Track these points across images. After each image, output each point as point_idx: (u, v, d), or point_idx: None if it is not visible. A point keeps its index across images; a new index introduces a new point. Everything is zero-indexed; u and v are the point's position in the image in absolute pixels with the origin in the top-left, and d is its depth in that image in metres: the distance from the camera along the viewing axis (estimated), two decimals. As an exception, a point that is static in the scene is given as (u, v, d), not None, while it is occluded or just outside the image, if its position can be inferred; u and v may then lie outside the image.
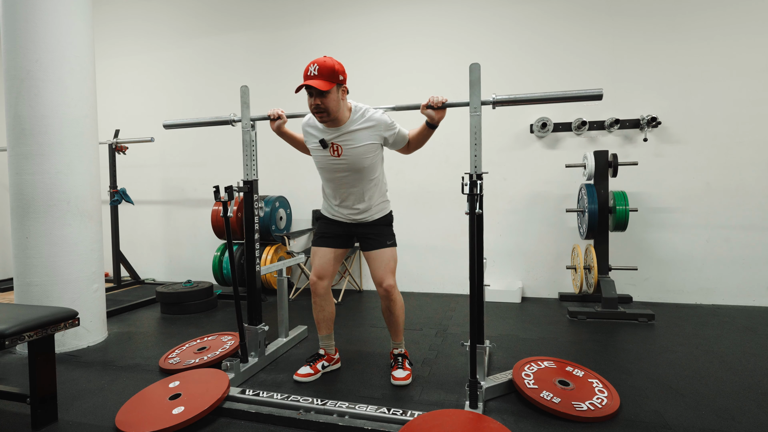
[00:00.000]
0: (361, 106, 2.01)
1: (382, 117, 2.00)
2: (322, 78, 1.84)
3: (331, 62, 1.86)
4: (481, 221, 1.78)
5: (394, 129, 2.02)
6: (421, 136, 2.05)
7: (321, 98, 1.86)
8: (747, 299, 3.43)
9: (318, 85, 1.82)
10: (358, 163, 2.00)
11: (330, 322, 2.26)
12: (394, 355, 2.22)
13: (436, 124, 1.96)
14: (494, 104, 1.87)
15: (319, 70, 1.84)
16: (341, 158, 2.00)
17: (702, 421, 1.73)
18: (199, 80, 4.58)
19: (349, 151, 1.98)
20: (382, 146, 2.08)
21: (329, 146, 2.00)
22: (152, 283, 4.64)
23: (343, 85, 1.92)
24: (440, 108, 1.91)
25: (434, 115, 1.92)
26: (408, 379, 2.11)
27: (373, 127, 1.98)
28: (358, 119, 1.98)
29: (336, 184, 2.09)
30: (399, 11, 4.02)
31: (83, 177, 2.65)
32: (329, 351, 2.27)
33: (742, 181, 3.41)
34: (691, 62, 3.45)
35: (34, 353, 1.71)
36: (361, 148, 1.98)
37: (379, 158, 2.09)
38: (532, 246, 3.82)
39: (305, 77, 1.87)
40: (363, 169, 2.02)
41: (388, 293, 2.09)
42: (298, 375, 2.16)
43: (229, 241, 2.15)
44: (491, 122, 3.69)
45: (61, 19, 2.55)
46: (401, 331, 2.22)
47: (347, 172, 2.03)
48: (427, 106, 1.92)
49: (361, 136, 1.97)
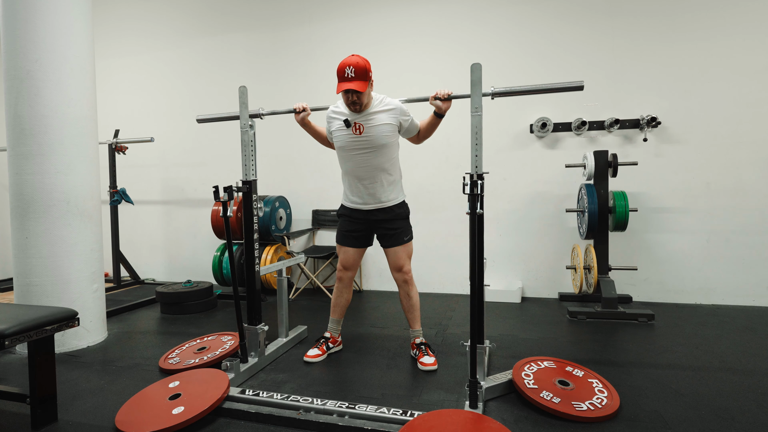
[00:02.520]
0: (379, 95, 2.26)
1: (399, 103, 2.25)
2: (359, 79, 2.08)
3: (363, 62, 2.09)
4: (482, 221, 1.79)
5: (408, 115, 2.27)
6: (430, 125, 2.29)
7: (358, 95, 2.11)
8: (747, 299, 3.43)
9: (357, 87, 2.07)
10: (377, 140, 2.22)
11: (344, 309, 2.53)
12: (416, 344, 2.41)
13: (443, 113, 2.18)
14: (493, 95, 2.01)
15: (355, 71, 2.07)
16: (362, 135, 2.22)
17: (702, 421, 1.73)
18: (198, 80, 4.58)
19: (370, 129, 2.21)
20: (398, 131, 2.30)
21: (352, 125, 2.22)
22: (152, 283, 4.64)
23: (371, 79, 2.17)
24: (447, 99, 2.11)
25: (441, 105, 2.12)
26: (435, 364, 2.27)
27: (391, 110, 2.23)
28: (378, 104, 2.23)
29: (355, 163, 2.29)
30: (399, 12, 4.02)
31: (83, 177, 2.65)
32: (334, 334, 2.52)
33: (741, 181, 3.41)
34: (691, 62, 3.45)
35: (34, 353, 1.71)
36: (381, 127, 2.21)
37: (395, 141, 2.30)
38: (532, 246, 3.82)
39: (342, 78, 2.10)
40: (381, 147, 2.23)
41: (405, 277, 2.36)
42: (308, 356, 2.40)
43: (228, 241, 2.15)
44: (491, 122, 3.70)
45: (61, 19, 2.55)
46: (419, 318, 2.44)
47: (366, 149, 2.24)
48: (435, 97, 2.11)
49: (381, 117, 2.21)
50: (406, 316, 2.44)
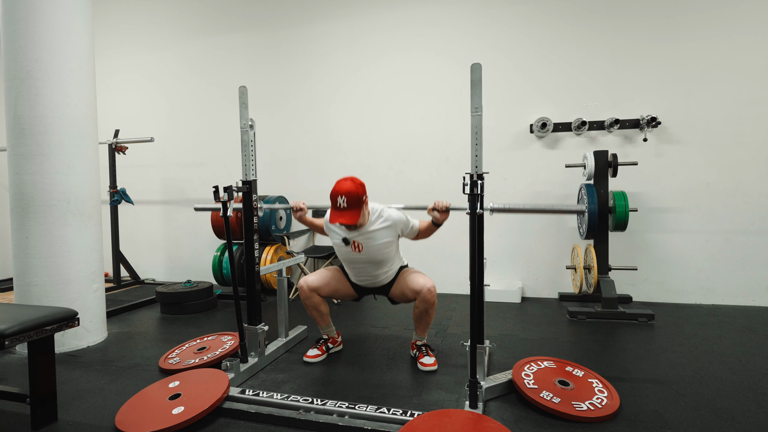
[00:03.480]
0: (377, 207, 2.26)
1: (398, 216, 2.25)
2: (352, 208, 2.06)
3: (354, 188, 2.06)
4: (482, 221, 1.79)
5: (407, 225, 2.28)
6: (428, 231, 2.29)
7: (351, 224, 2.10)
8: (747, 299, 3.43)
9: (349, 220, 2.06)
10: (377, 257, 2.26)
11: (326, 316, 2.45)
12: (417, 345, 2.39)
13: (441, 223, 2.21)
14: (492, 211, 1.93)
15: (347, 201, 2.05)
16: (362, 253, 2.26)
17: (702, 421, 1.73)
18: (198, 80, 4.58)
19: (369, 247, 2.23)
20: (398, 237, 2.32)
21: (351, 243, 2.24)
22: (152, 283, 4.64)
23: (365, 201, 2.15)
24: (444, 211, 2.13)
25: (439, 216, 2.16)
26: (435, 365, 2.27)
27: (390, 227, 2.24)
28: (376, 220, 2.23)
29: (356, 269, 2.36)
30: (399, 12, 4.02)
31: (83, 177, 2.65)
32: (332, 335, 2.51)
33: (741, 181, 3.41)
34: (691, 63, 3.45)
35: (34, 353, 1.71)
36: (380, 245, 2.23)
37: (395, 248, 2.34)
38: (532, 246, 3.82)
39: (335, 208, 2.08)
40: (382, 261, 2.29)
41: (431, 294, 2.23)
42: (308, 356, 2.39)
43: (228, 241, 2.15)
44: (491, 122, 3.70)
45: (60, 19, 2.55)
46: (428, 329, 2.41)
47: (366, 263, 2.30)
48: (433, 208, 2.14)
49: (380, 234, 2.22)
50: (416, 324, 2.36)
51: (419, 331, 2.38)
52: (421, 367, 2.26)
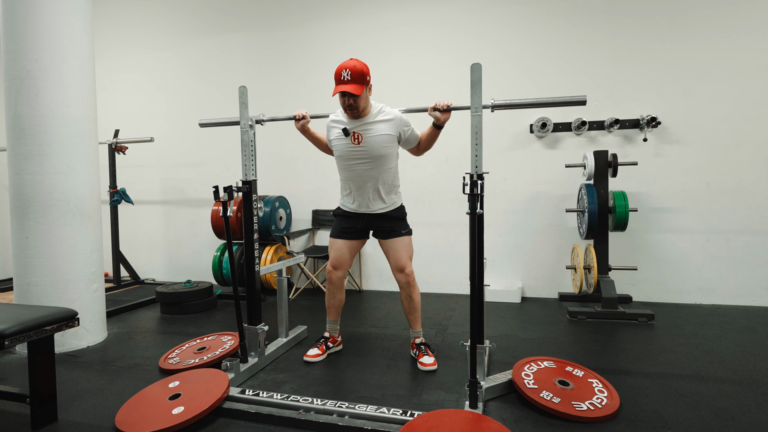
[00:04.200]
0: (379, 104, 2.24)
1: (398, 113, 2.23)
2: (355, 82, 2.06)
3: (360, 65, 2.08)
4: (482, 221, 1.79)
5: (408, 125, 2.26)
6: (430, 136, 2.25)
7: (354, 98, 2.09)
8: (747, 299, 3.43)
9: (353, 90, 2.05)
10: (376, 150, 2.21)
11: (339, 309, 2.50)
12: (416, 344, 2.40)
13: (442, 124, 2.16)
14: (493, 108, 2.00)
15: (351, 74, 2.06)
16: (361, 145, 2.22)
17: (702, 421, 1.73)
18: (198, 81, 4.58)
19: (369, 139, 2.20)
20: (398, 141, 2.28)
21: (351, 134, 2.21)
22: (152, 283, 4.64)
23: (369, 83, 2.15)
24: (446, 110, 2.08)
25: (440, 116, 2.10)
26: (435, 365, 2.27)
27: (390, 121, 2.21)
28: (377, 113, 2.22)
29: (354, 173, 2.29)
30: (399, 12, 4.02)
31: (83, 177, 2.65)
32: (333, 334, 2.52)
33: (741, 181, 3.41)
34: (691, 63, 3.45)
35: (34, 353, 1.71)
36: (380, 137, 2.20)
37: (394, 152, 2.30)
38: (532, 246, 3.82)
39: (338, 81, 2.09)
40: (380, 158, 2.23)
41: (408, 279, 2.32)
42: (308, 356, 2.40)
43: (228, 241, 2.15)
44: (491, 122, 3.70)
45: (60, 19, 2.55)
46: (420, 319, 2.44)
47: (365, 160, 2.24)
48: (434, 108, 2.08)
49: (380, 127, 2.20)
50: (407, 317, 2.43)
51: (412, 323, 2.42)
52: (421, 367, 2.26)
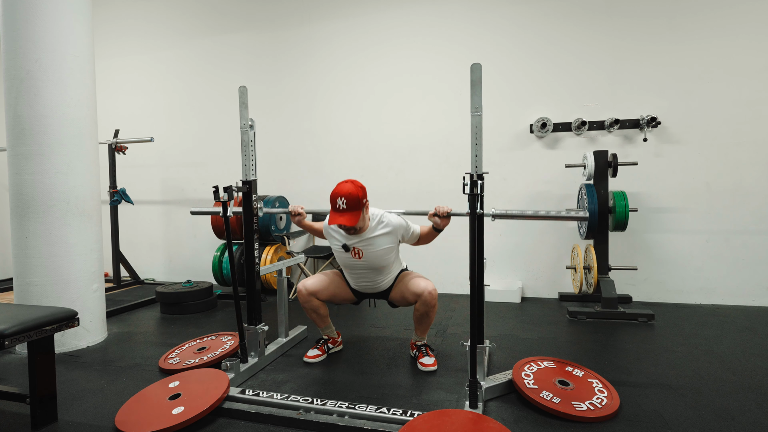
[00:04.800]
0: (377, 213, 2.23)
1: (398, 221, 2.22)
2: (351, 210, 2.04)
3: (355, 191, 2.04)
4: (482, 221, 1.79)
5: (408, 230, 2.26)
6: (429, 236, 2.27)
7: (349, 228, 2.10)
8: (747, 299, 3.43)
9: (348, 221, 2.03)
10: (378, 263, 2.25)
11: (325, 318, 2.44)
12: (417, 345, 2.39)
13: (442, 229, 2.17)
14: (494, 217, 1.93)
15: (347, 203, 2.03)
16: (362, 260, 2.25)
17: (702, 421, 1.73)
18: (198, 81, 4.58)
19: (369, 254, 2.22)
20: (399, 243, 2.29)
21: (351, 249, 2.23)
22: (152, 283, 4.63)
23: (366, 204, 2.13)
24: (445, 217, 2.10)
25: (440, 222, 2.12)
26: (435, 365, 2.27)
27: (390, 233, 2.21)
28: (377, 226, 2.20)
29: (356, 275, 2.35)
30: (399, 12, 4.02)
31: (83, 177, 2.65)
32: (332, 335, 2.51)
33: (741, 181, 3.41)
34: (691, 63, 3.45)
35: (34, 353, 1.71)
36: (380, 251, 2.22)
37: (396, 254, 2.31)
38: (532, 246, 3.82)
39: (334, 208, 2.06)
40: (382, 267, 2.28)
41: (432, 297, 2.21)
42: (308, 357, 2.39)
43: (228, 241, 2.15)
44: (491, 123, 3.70)
45: (61, 19, 2.55)
46: (428, 331, 2.40)
47: (367, 269, 2.29)
48: (434, 214, 2.11)
49: (380, 241, 2.20)
50: (416, 326, 2.35)
51: (419, 332, 2.38)
52: (421, 367, 2.26)
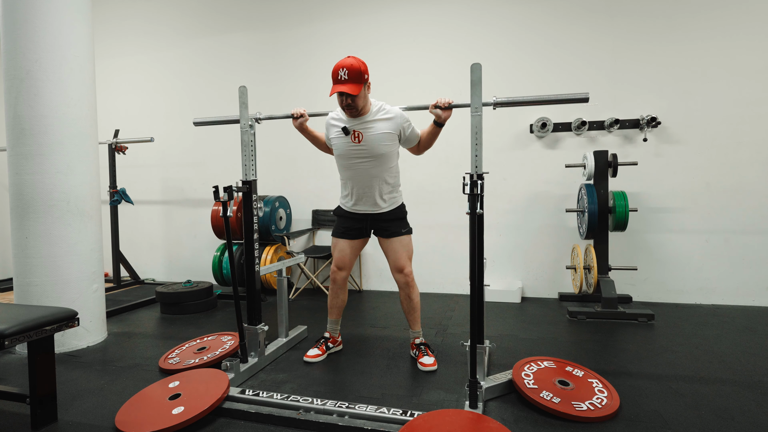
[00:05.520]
0: (379, 102, 2.23)
1: (399, 111, 2.22)
2: (352, 81, 2.04)
3: (357, 63, 2.05)
4: (482, 221, 1.79)
5: (409, 124, 2.24)
6: (431, 134, 2.24)
7: (352, 98, 2.08)
8: (747, 299, 3.43)
9: (350, 90, 2.03)
10: (376, 149, 2.19)
11: (341, 309, 2.50)
12: (416, 344, 2.40)
13: (443, 122, 2.15)
14: (495, 105, 2.00)
15: (348, 74, 2.03)
16: (361, 144, 2.20)
17: (702, 421, 1.73)
18: (198, 81, 4.58)
19: (369, 137, 2.18)
20: (399, 140, 2.26)
21: (351, 133, 2.20)
22: (152, 283, 4.64)
23: (368, 82, 2.13)
24: (447, 108, 2.08)
25: (441, 114, 2.09)
26: (435, 365, 2.27)
27: (391, 119, 2.20)
28: (377, 111, 2.20)
29: (354, 172, 2.27)
30: (399, 12, 4.02)
31: (83, 177, 2.65)
32: (334, 334, 2.52)
33: (741, 181, 3.41)
34: (691, 63, 3.45)
35: (34, 353, 1.71)
36: (380, 135, 2.18)
37: (395, 150, 2.28)
38: (532, 246, 3.82)
39: (336, 81, 2.06)
40: (380, 156, 2.21)
41: (407, 279, 2.31)
42: (308, 356, 2.40)
43: (228, 241, 2.15)
44: (491, 122, 3.70)
45: (61, 19, 2.55)
46: (419, 319, 2.42)
47: (365, 158, 2.22)
48: (435, 105, 2.08)
49: (380, 125, 2.19)
50: (407, 317, 2.42)
51: (412, 324, 2.41)
52: (420, 367, 2.26)
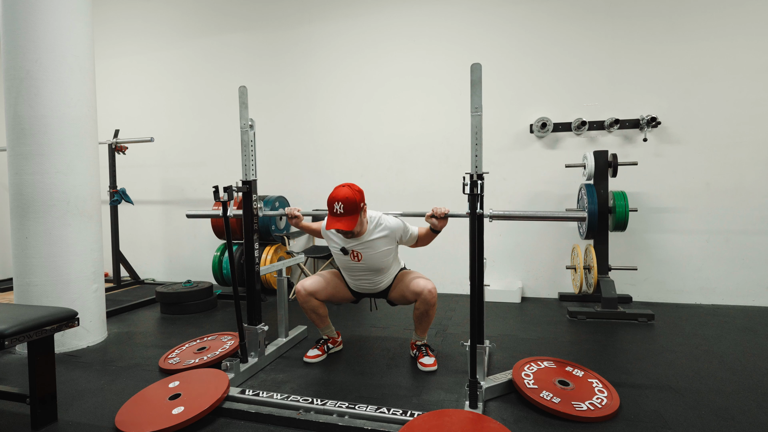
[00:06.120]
0: (375, 215, 2.23)
1: (396, 224, 2.23)
2: (348, 215, 2.04)
3: (352, 195, 2.04)
4: (482, 221, 1.79)
5: (406, 232, 2.26)
6: (427, 238, 2.27)
7: (347, 232, 2.11)
8: (747, 299, 3.43)
9: (346, 226, 2.03)
10: (376, 265, 2.26)
11: (325, 318, 2.44)
12: (417, 345, 2.39)
13: (439, 230, 2.17)
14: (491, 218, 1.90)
15: (344, 208, 2.02)
16: (361, 262, 2.26)
17: (702, 421, 1.73)
18: (198, 81, 4.58)
19: (368, 256, 2.23)
20: (397, 245, 2.31)
21: (350, 253, 2.24)
22: (152, 283, 4.63)
23: (363, 208, 2.13)
24: (443, 218, 2.09)
25: (437, 223, 2.11)
26: (435, 365, 2.27)
27: (388, 235, 2.22)
28: (374, 229, 2.21)
29: (355, 277, 2.36)
30: (399, 12, 4.02)
31: (83, 177, 2.65)
32: (332, 335, 2.51)
33: (741, 181, 3.41)
34: (691, 62, 3.45)
35: (34, 353, 1.71)
36: (379, 254, 2.23)
37: (394, 255, 2.33)
38: (532, 246, 3.82)
39: (331, 213, 2.05)
40: (381, 268, 2.29)
41: (432, 295, 2.22)
42: (308, 357, 2.39)
43: (228, 241, 2.15)
44: (491, 123, 3.70)
45: (60, 19, 2.55)
46: (428, 329, 2.41)
47: (366, 271, 2.30)
48: (431, 215, 2.10)
49: (378, 243, 2.21)
50: (416, 325, 2.35)
51: (419, 331, 2.38)
52: (420, 367, 2.26)
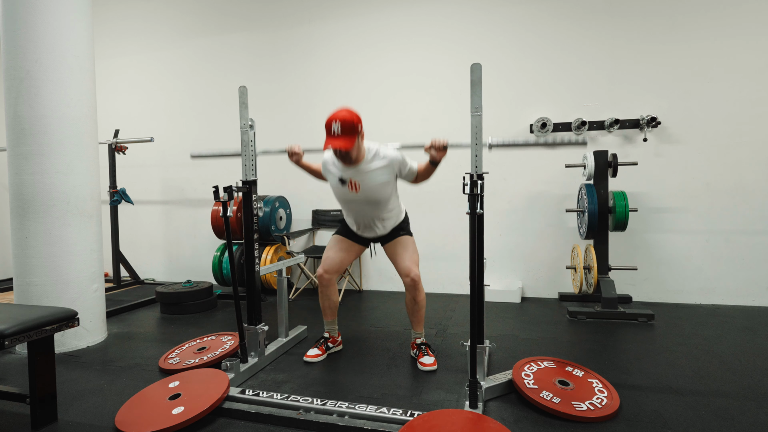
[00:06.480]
0: (373, 146, 2.20)
1: (394, 154, 2.19)
2: (346, 135, 2.01)
3: (350, 116, 2.02)
4: (482, 221, 1.79)
5: (405, 165, 2.22)
6: (427, 171, 2.23)
7: (344, 152, 2.08)
8: (747, 299, 3.43)
9: (343, 145, 2.00)
10: (374, 196, 2.22)
11: (334, 309, 2.48)
12: (417, 344, 2.40)
13: (439, 162, 2.15)
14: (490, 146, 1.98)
15: (341, 127, 2.00)
16: (359, 193, 2.23)
17: (702, 421, 1.73)
18: (198, 80, 4.58)
19: (366, 186, 2.20)
20: (396, 179, 2.27)
21: (347, 182, 2.21)
22: (152, 283, 4.63)
23: (361, 132, 2.09)
24: (442, 149, 2.09)
25: (436, 154, 2.11)
26: (435, 365, 2.27)
27: (386, 166, 2.19)
28: (373, 159, 2.18)
29: (355, 212, 2.34)
30: (399, 12, 4.02)
31: (83, 177, 2.65)
32: (333, 334, 2.52)
33: (741, 181, 3.41)
34: (691, 62, 3.45)
35: (34, 353, 1.71)
36: (377, 184, 2.20)
37: (393, 189, 2.29)
38: (532, 246, 3.82)
39: (329, 134, 2.03)
40: (379, 201, 2.25)
41: (414, 283, 2.28)
42: (308, 356, 2.40)
43: (228, 241, 2.15)
44: (491, 123, 3.69)
45: (60, 19, 2.55)
46: (422, 321, 2.42)
47: (365, 204, 2.27)
48: (430, 146, 2.08)
49: (376, 173, 2.19)
50: (410, 318, 2.42)
51: (415, 325, 2.41)
52: (421, 367, 2.26)
